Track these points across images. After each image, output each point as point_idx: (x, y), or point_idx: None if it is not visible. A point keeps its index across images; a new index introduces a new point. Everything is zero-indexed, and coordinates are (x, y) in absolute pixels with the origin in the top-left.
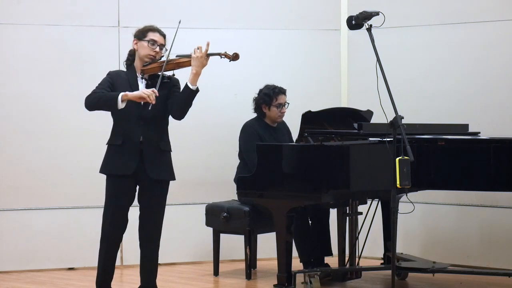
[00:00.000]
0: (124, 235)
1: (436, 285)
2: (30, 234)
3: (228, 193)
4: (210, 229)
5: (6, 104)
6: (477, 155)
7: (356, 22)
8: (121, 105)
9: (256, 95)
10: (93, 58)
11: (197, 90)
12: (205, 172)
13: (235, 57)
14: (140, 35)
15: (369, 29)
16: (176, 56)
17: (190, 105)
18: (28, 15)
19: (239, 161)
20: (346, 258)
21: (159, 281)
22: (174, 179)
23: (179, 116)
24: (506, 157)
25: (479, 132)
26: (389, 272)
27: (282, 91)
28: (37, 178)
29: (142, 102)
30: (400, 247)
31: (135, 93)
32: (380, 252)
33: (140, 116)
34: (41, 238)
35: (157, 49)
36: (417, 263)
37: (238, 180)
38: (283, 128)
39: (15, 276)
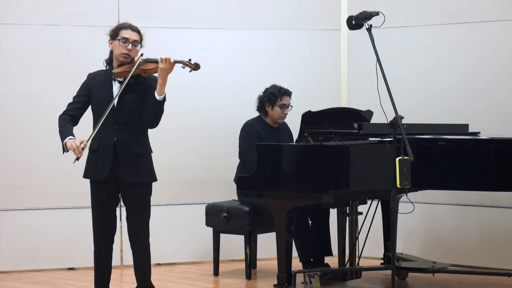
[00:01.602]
0: (124, 235)
1: (436, 285)
2: (30, 234)
3: (228, 193)
4: (210, 229)
5: (6, 104)
6: (477, 155)
7: (356, 22)
8: (66, 150)
9: (261, 94)
10: (93, 58)
11: (164, 100)
12: (205, 172)
13: (196, 67)
14: (113, 34)
15: (369, 29)
16: (144, 60)
17: (160, 114)
18: (28, 15)
19: (239, 161)
20: (346, 258)
21: (159, 281)
22: (153, 180)
23: (151, 125)
24: (506, 157)
25: (479, 132)
26: (389, 272)
27: (287, 93)
28: (37, 178)
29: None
30: (400, 247)
31: (67, 142)
32: (380, 252)
33: (114, 120)
34: (41, 238)
35: (129, 46)
36: (417, 263)
37: (238, 180)
38: (284, 129)
39: (15, 276)
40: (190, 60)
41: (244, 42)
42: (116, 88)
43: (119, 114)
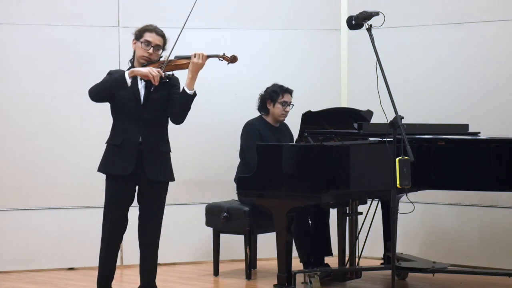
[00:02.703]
0: (124, 235)
1: (436, 285)
2: (30, 234)
3: (228, 193)
4: (210, 229)
5: (6, 104)
6: (477, 155)
7: (356, 22)
8: (129, 82)
9: (263, 92)
10: (93, 58)
11: (194, 94)
12: (205, 172)
13: (233, 59)
14: (138, 35)
15: (369, 29)
16: (174, 57)
17: (188, 109)
18: (28, 15)
19: (239, 160)
20: (346, 258)
21: (159, 281)
22: (173, 180)
23: (178, 120)
24: (506, 157)
25: (479, 132)
26: (389, 272)
27: (289, 91)
28: (37, 178)
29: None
30: (400, 247)
31: (142, 69)
32: (380, 252)
33: (140, 116)
34: (41, 238)
35: (151, 50)
36: (417, 263)
37: (238, 180)
38: (285, 130)
39: (15, 276)
40: (224, 54)
41: (244, 42)
42: (142, 86)
43: (146, 111)
